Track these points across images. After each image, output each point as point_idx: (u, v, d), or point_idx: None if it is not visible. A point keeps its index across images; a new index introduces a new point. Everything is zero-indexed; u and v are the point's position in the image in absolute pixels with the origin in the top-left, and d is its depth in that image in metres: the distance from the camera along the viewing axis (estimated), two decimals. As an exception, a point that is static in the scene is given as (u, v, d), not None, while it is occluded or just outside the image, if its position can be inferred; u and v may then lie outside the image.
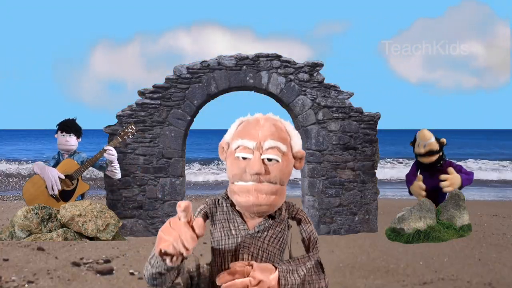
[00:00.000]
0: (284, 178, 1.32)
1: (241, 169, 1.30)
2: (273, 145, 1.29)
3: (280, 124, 1.38)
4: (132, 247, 4.89)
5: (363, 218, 6.10)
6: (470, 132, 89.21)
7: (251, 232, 1.35)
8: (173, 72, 6.02)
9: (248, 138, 1.31)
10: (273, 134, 1.31)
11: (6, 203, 9.56)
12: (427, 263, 4.38)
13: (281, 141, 1.32)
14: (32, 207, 4.91)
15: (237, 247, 1.34)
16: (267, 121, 1.35)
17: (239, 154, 1.31)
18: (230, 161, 1.34)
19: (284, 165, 1.31)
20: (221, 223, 1.39)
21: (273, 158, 1.29)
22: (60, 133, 5.45)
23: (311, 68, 6.08)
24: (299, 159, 1.38)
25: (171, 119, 6.00)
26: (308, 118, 6.08)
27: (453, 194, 5.57)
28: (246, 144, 1.30)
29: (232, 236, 1.36)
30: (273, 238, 1.36)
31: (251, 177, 1.28)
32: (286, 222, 1.42)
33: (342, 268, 4.19)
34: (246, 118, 1.41)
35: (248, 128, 1.34)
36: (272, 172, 1.28)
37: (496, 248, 4.97)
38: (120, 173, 5.56)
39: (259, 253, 1.34)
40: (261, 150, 1.29)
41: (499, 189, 14.11)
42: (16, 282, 3.49)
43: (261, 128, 1.32)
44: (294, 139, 1.38)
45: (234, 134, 1.37)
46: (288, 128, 1.40)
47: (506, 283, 3.79)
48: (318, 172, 6.06)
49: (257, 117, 1.38)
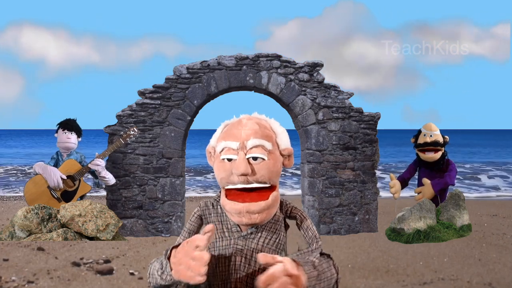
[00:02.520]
0: (273, 177, 1.29)
1: (227, 171, 1.27)
2: (257, 144, 1.26)
3: (265, 123, 1.35)
4: (132, 247, 4.88)
5: (363, 218, 6.10)
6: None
7: (244, 234, 1.33)
8: (173, 72, 6.02)
9: (231, 139, 1.28)
10: (256, 132, 1.28)
11: (6, 203, 9.55)
12: (427, 263, 4.38)
13: (265, 138, 1.28)
14: (32, 207, 4.91)
15: (230, 249, 1.33)
16: (249, 120, 1.32)
17: (224, 156, 1.28)
18: (217, 164, 1.31)
19: (271, 163, 1.27)
20: (214, 225, 1.38)
21: (258, 157, 1.25)
22: (61, 131, 5.48)
23: (311, 68, 6.08)
24: (288, 156, 1.35)
25: (171, 119, 6.00)
26: (308, 118, 6.08)
27: (453, 194, 5.57)
28: (229, 145, 1.27)
29: (226, 238, 1.35)
30: (267, 239, 1.34)
31: (238, 179, 1.25)
32: (282, 222, 1.40)
33: (342, 268, 4.18)
34: (230, 120, 1.39)
35: (231, 129, 1.31)
36: (259, 172, 1.25)
37: (496, 248, 4.97)
38: (112, 179, 5.54)
39: (253, 255, 1.31)
40: (245, 149, 1.25)
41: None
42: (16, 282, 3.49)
43: (243, 127, 1.29)
44: (280, 136, 1.34)
45: (219, 137, 1.34)
46: (274, 126, 1.36)
47: (506, 283, 3.79)
48: (318, 172, 6.06)
49: (240, 118, 1.36)
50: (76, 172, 5.32)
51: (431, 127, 5.63)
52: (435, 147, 5.53)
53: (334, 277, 1.26)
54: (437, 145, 5.52)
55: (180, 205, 6.01)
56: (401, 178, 6.07)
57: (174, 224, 5.97)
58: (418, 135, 5.77)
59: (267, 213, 1.27)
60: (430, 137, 5.56)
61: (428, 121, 5.78)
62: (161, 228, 5.93)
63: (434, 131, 5.59)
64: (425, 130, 5.65)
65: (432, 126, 5.64)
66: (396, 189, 5.82)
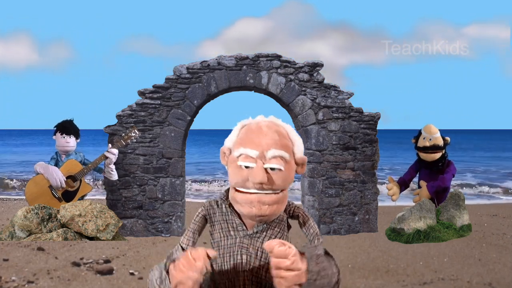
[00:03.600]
0: (287, 185, 1.32)
1: (243, 177, 1.28)
2: (276, 155, 1.27)
3: (283, 130, 1.35)
4: (132, 247, 4.89)
5: (363, 218, 6.10)
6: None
7: (249, 233, 1.36)
8: (173, 72, 6.02)
9: (250, 147, 1.28)
10: (276, 143, 1.29)
11: (6, 203, 9.55)
12: (427, 263, 4.38)
13: (284, 149, 1.30)
14: (32, 207, 4.91)
15: (235, 247, 1.35)
16: (270, 129, 1.32)
17: (241, 163, 1.28)
18: (232, 169, 1.32)
19: (287, 173, 1.30)
20: (220, 224, 1.40)
21: (276, 168, 1.27)
22: (59, 135, 5.46)
23: (311, 68, 6.08)
24: (301, 164, 1.37)
25: (171, 119, 6.00)
26: (308, 118, 6.08)
27: (453, 194, 5.57)
28: (248, 153, 1.27)
29: (231, 237, 1.37)
30: (272, 238, 1.36)
31: (253, 186, 1.26)
32: (286, 222, 1.42)
33: (342, 268, 4.18)
34: (247, 121, 1.39)
35: (250, 136, 1.31)
36: (275, 181, 1.27)
37: (496, 248, 4.97)
38: (116, 174, 5.57)
39: (258, 254, 1.34)
40: (264, 159, 1.27)
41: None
42: (16, 282, 3.49)
43: (264, 136, 1.29)
44: (297, 144, 1.36)
45: (236, 141, 1.34)
46: (291, 134, 1.37)
47: (506, 283, 3.79)
48: (318, 172, 6.06)
49: (259, 123, 1.35)
50: (77, 172, 5.32)
51: (430, 130, 5.58)
52: (435, 151, 5.54)
53: (336, 275, 1.28)
54: (437, 149, 5.53)
55: (180, 205, 6.01)
56: (401, 180, 6.08)
57: (174, 224, 5.97)
58: (418, 137, 5.75)
59: (277, 208, 1.30)
60: (429, 140, 5.55)
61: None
62: (161, 228, 5.93)
63: (434, 134, 5.56)
64: (425, 133, 5.61)
65: (432, 129, 5.59)
66: (394, 191, 5.84)
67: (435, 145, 5.51)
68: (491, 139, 60.06)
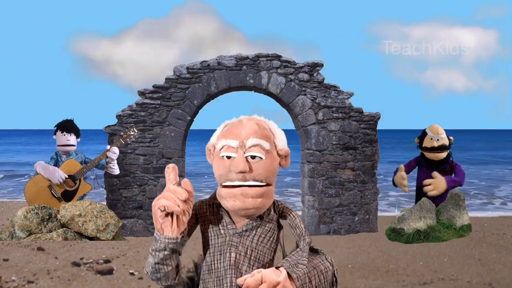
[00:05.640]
0: (270, 176, 1.34)
1: (226, 168, 1.31)
2: (255, 143, 1.31)
3: (264, 124, 1.40)
4: (132, 247, 4.89)
5: (363, 218, 6.10)
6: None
7: (239, 231, 1.37)
8: (173, 72, 6.02)
9: (231, 137, 1.33)
10: (256, 132, 1.33)
11: (6, 203, 9.55)
12: (427, 263, 4.38)
13: (264, 138, 1.34)
14: (32, 207, 4.91)
15: (225, 245, 1.36)
16: (250, 120, 1.38)
17: (223, 154, 1.33)
18: (216, 161, 1.37)
19: (269, 162, 1.32)
20: (210, 222, 1.42)
21: (256, 156, 1.30)
22: (60, 133, 5.47)
23: (311, 68, 6.08)
24: (284, 156, 1.40)
25: (171, 119, 6.00)
26: (308, 118, 6.08)
27: (453, 194, 5.56)
28: (229, 144, 1.32)
29: (221, 235, 1.38)
30: (262, 237, 1.37)
31: (236, 176, 1.30)
32: (276, 222, 1.43)
33: (342, 268, 4.18)
34: (231, 120, 1.44)
35: (231, 128, 1.37)
36: (256, 170, 1.30)
37: (496, 248, 4.97)
38: (118, 169, 5.62)
39: (248, 252, 1.35)
40: (244, 148, 1.31)
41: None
42: (16, 282, 3.49)
43: (243, 127, 1.35)
44: (278, 137, 1.40)
45: (219, 136, 1.40)
46: (272, 127, 1.42)
47: (506, 283, 3.79)
48: (318, 172, 6.06)
49: (240, 118, 1.42)
50: (77, 172, 5.32)
51: (438, 130, 5.57)
52: (443, 151, 5.55)
53: (330, 269, 1.32)
54: (444, 149, 5.53)
55: (180, 205, 6.01)
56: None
57: (174, 224, 5.97)
58: (423, 137, 5.72)
59: (261, 202, 1.31)
60: (437, 141, 5.54)
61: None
62: (161, 228, 5.93)
63: (441, 134, 5.56)
64: (431, 134, 5.60)
65: (439, 129, 5.59)
66: (406, 181, 5.73)
67: (443, 145, 5.52)
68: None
